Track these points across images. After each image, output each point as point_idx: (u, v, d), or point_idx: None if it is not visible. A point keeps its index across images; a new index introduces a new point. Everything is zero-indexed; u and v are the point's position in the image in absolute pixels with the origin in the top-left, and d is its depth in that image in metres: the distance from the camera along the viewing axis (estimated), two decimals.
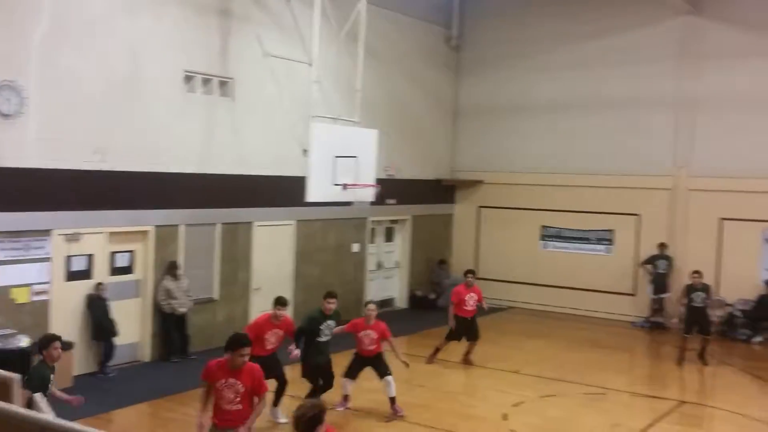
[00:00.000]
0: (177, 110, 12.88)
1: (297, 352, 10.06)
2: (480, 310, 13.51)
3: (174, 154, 12.82)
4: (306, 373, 10.27)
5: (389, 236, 18.67)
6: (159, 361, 12.72)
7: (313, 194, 12.52)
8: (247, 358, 6.98)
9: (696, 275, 13.86)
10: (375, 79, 16.40)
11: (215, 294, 13.85)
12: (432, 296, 18.85)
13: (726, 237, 16.71)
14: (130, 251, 12.56)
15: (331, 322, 10.28)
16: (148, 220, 12.57)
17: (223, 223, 13.82)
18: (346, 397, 10.55)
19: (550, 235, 18.98)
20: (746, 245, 16.42)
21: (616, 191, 17.84)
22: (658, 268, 17.01)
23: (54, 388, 7.68)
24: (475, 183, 19.75)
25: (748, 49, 16.30)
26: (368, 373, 10.61)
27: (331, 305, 10.24)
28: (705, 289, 13.84)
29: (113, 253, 12.28)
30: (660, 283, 16.96)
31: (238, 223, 14.12)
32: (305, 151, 12.46)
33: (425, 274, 19.26)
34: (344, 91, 14.46)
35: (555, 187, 18.55)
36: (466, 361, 13.29)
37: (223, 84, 13.73)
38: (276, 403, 10.05)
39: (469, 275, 13.47)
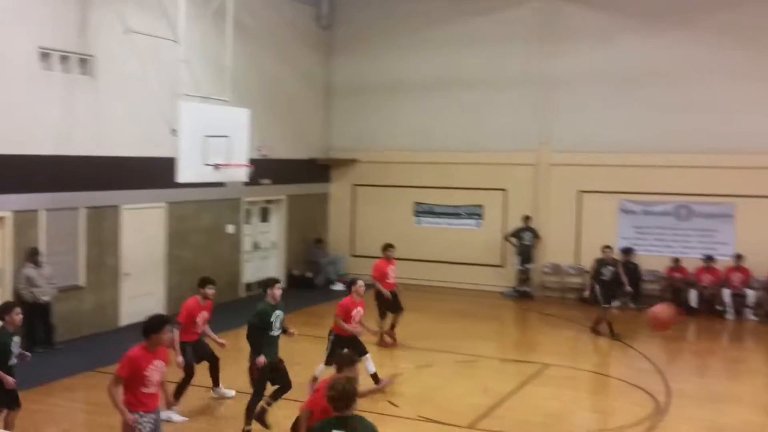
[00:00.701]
0: (32, 89, 12.19)
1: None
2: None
3: (30, 135, 12.15)
4: (258, 376, 8.88)
5: (265, 217, 18.53)
6: (22, 352, 12.06)
7: (184, 175, 12.21)
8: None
9: (607, 250, 14.32)
10: (245, 57, 16.14)
11: (81, 281, 13.30)
12: (309, 275, 18.91)
13: (585, 209, 17.71)
14: None
15: (279, 312, 9.07)
16: (4, 204, 11.88)
17: (87, 207, 13.26)
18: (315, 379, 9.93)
19: (423, 211, 19.45)
20: (604, 216, 17.47)
21: (484, 167, 18.51)
22: (523, 240, 17.82)
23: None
24: (350, 162, 19.90)
25: (604, 29, 17.28)
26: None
27: (278, 292, 9.05)
28: (614, 263, 14.26)
29: None
30: (525, 254, 17.78)
31: (104, 206, 13.59)
32: (174, 131, 12.13)
33: (302, 254, 19.27)
34: (213, 70, 14.15)
35: (426, 164, 19.00)
36: (391, 335, 13.21)
37: (83, 62, 13.11)
38: (217, 383, 10.09)
39: (390, 249, 13.57)
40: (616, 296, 14.16)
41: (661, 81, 16.82)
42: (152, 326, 6.69)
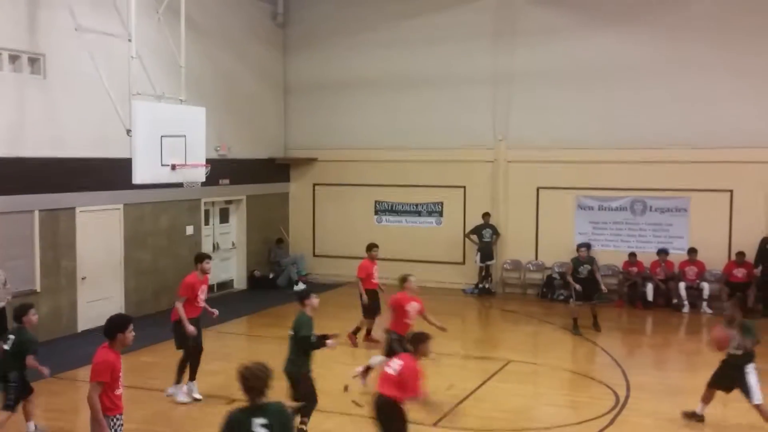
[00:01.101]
0: None
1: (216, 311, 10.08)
2: None
3: None
4: (310, 384, 8.70)
5: (224, 217, 18.33)
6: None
7: (140, 176, 12.01)
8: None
9: (582, 249, 14.39)
10: (200, 55, 15.95)
11: (37, 285, 12.99)
12: (271, 276, 18.77)
13: (543, 205, 17.91)
14: None
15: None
16: None
17: (41, 210, 12.95)
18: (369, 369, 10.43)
19: (383, 209, 19.45)
20: (562, 212, 17.69)
21: (443, 165, 18.59)
22: (483, 237, 17.93)
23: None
24: (309, 161, 19.80)
25: (559, 25, 17.47)
26: None
27: (316, 301, 8.82)
28: (590, 261, 14.30)
29: None
30: (486, 251, 17.90)
31: (58, 209, 13.29)
32: (129, 132, 11.92)
33: (263, 254, 19.11)
34: (168, 68, 13.92)
35: (386, 162, 19.01)
36: (352, 339, 13.13)
37: (33, 61, 12.80)
38: (193, 377, 10.04)
39: (374, 249, 13.58)
40: (592, 295, 14.24)
41: (616, 77, 17.08)
42: (118, 325, 6.54)
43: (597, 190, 17.49)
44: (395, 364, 7.44)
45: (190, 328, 9.81)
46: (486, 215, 18.00)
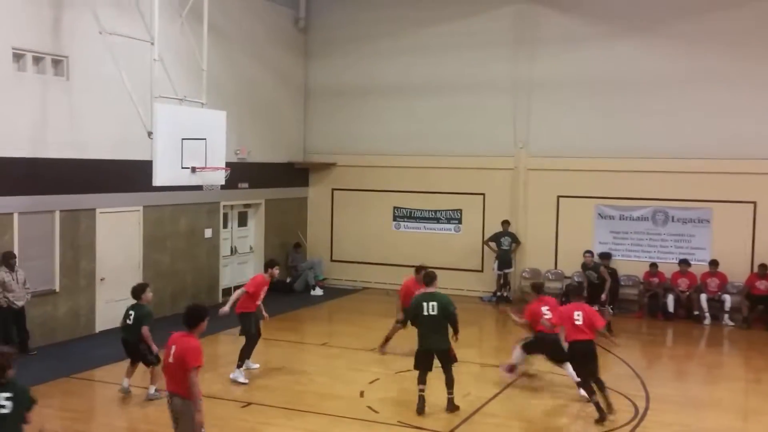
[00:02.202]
0: (5, 91, 11.98)
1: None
2: None
3: (3, 137, 11.96)
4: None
5: (243, 221, 18.37)
6: None
7: (160, 178, 12.06)
8: None
9: (587, 255, 14.32)
10: (222, 59, 16.03)
11: (56, 285, 13.07)
12: (288, 280, 18.78)
13: (562, 213, 17.77)
14: None
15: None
16: None
17: (62, 210, 13.05)
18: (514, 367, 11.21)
19: (401, 216, 19.40)
20: (581, 221, 17.54)
21: (463, 172, 18.51)
22: (501, 245, 17.82)
23: None
24: (328, 166, 19.82)
25: (582, 34, 17.36)
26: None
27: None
28: (595, 268, 14.30)
29: None
30: (504, 259, 17.78)
31: (79, 209, 13.38)
32: (150, 134, 11.98)
33: (281, 259, 19.10)
34: (190, 72, 13.99)
35: (405, 168, 18.98)
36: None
37: (57, 63, 12.91)
38: (249, 357, 11.35)
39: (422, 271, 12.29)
40: (593, 302, 14.11)
41: (639, 86, 16.94)
42: (201, 315, 7.13)
43: (618, 199, 17.33)
44: None
45: (224, 310, 11.21)
46: (505, 223, 17.90)
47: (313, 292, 18.50)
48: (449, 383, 9.92)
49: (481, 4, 18.16)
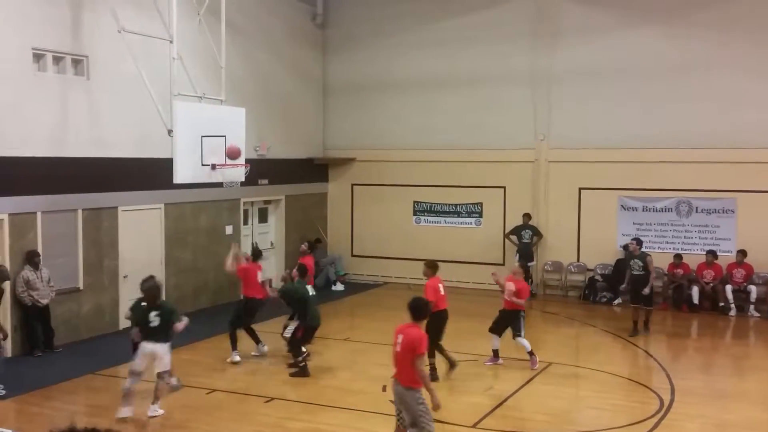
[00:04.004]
0: (26, 91, 12.08)
1: None
2: None
3: (24, 137, 12.06)
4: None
5: (263, 217, 18.41)
6: (22, 356, 12.01)
7: (180, 176, 12.12)
8: None
9: (633, 243, 14.06)
10: (240, 56, 16.06)
11: (80, 283, 13.18)
12: None
13: (584, 205, 17.61)
14: None
15: None
16: (1, 207, 11.79)
17: (84, 209, 13.15)
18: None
19: (422, 210, 19.35)
20: (604, 213, 17.38)
21: (483, 165, 18.41)
22: (523, 238, 17.70)
23: None
24: (348, 161, 19.80)
25: (602, 24, 17.19)
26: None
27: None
28: (642, 257, 13.74)
29: None
30: (525, 252, 17.64)
31: (101, 208, 13.48)
32: (170, 132, 12.03)
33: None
34: (208, 69, 14.04)
35: (425, 162, 18.91)
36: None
37: (76, 62, 13.00)
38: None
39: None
40: (638, 296, 13.81)
41: (660, 76, 16.73)
42: (425, 308, 7.66)
43: (640, 190, 17.15)
44: None
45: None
46: (526, 216, 17.77)
47: (334, 288, 18.50)
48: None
49: None
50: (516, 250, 17.84)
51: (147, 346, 9.22)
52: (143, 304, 9.41)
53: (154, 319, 9.24)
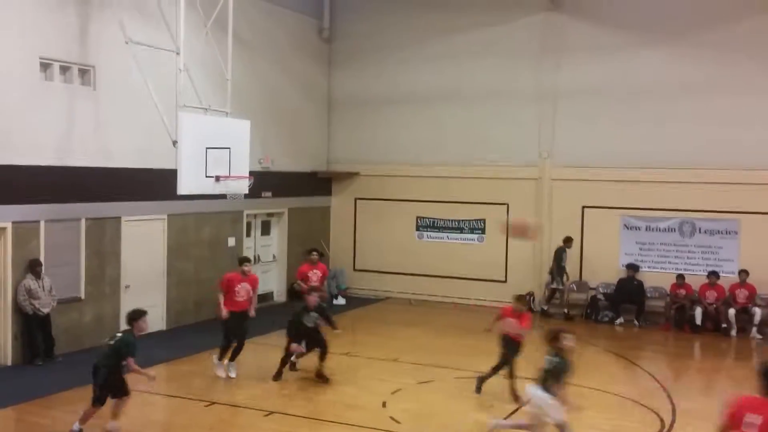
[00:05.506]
0: (32, 100, 12.13)
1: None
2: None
3: (30, 146, 12.09)
4: None
5: (266, 230, 18.42)
6: (22, 365, 11.98)
7: (184, 187, 12.09)
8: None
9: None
10: (246, 69, 16.11)
11: (82, 293, 13.17)
12: None
13: (588, 224, 17.59)
14: None
15: None
16: (5, 215, 11.78)
17: (88, 218, 13.16)
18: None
19: (425, 225, 19.34)
20: (607, 231, 17.36)
21: (486, 181, 18.41)
22: (563, 261, 17.27)
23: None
24: (351, 175, 19.82)
25: (607, 43, 17.23)
26: None
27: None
28: None
29: None
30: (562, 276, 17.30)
31: (104, 218, 13.49)
32: (175, 143, 12.05)
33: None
34: (214, 81, 14.09)
35: (428, 178, 18.93)
36: None
37: (83, 72, 13.05)
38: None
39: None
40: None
41: (664, 96, 16.76)
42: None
43: (644, 210, 17.14)
44: None
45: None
46: (569, 239, 17.27)
47: (335, 302, 18.47)
48: None
49: (505, 13, 18.11)
50: (555, 272, 17.30)
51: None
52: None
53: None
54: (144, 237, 14.33)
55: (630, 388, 12.03)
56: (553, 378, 8.22)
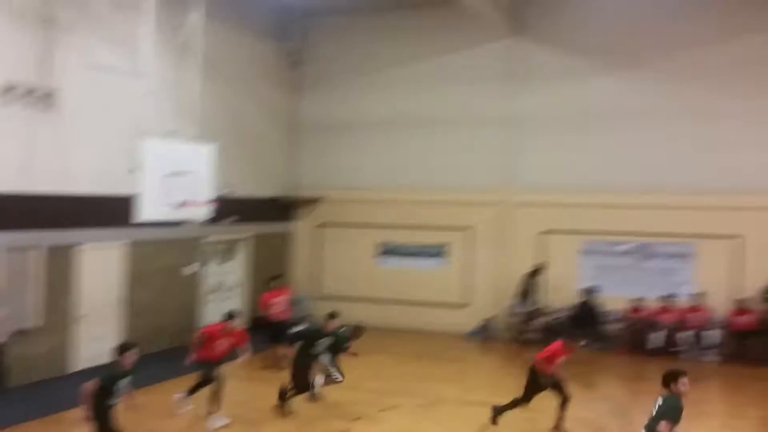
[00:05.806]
0: None
1: None
2: None
3: None
4: None
5: (228, 256, 18.30)
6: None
7: (145, 213, 11.98)
8: None
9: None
10: (212, 93, 16.08)
11: (36, 323, 12.92)
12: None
13: (550, 248, 17.82)
14: None
15: None
16: None
17: (44, 246, 12.95)
18: None
19: (388, 251, 19.39)
20: (567, 256, 17.60)
21: (450, 206, 18.59)
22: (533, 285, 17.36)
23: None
24: (315, 200, 19.84)
25: (568, 69, 17.63)
26: None
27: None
28: None
29: None
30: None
31: (61, 245, 13.29)
32: (131, 170, 11.83)
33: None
34: (179, 106, 14.05)
35: (392, 203, 19.04)
36: None
37: (46, 96, 12.90)
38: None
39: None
40: None
41: (622, 122, 17.17)
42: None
43: (603, 234, 17.43)
44: None
45: None
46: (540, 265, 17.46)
47: (296, 329, 18.30)
48: None
49: (470, 39, 18.40)
50: (524, 297, 17.38)
51: None
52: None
53: None
54: (102, 265, 14.14)
55: (587, 413, 12.15)
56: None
